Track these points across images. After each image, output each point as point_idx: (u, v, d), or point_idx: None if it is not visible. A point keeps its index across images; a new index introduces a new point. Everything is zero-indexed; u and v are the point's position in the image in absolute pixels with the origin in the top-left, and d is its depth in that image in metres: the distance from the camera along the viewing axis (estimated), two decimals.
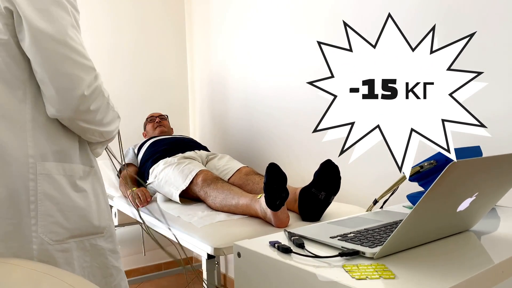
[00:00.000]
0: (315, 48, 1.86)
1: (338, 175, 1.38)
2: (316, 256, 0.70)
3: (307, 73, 1.91)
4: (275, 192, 1.29)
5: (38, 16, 0.84)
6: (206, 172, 1.74)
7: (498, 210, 1.05)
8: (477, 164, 0.63)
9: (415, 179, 1.05)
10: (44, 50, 0.85)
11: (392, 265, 0.66)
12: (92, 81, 0.91)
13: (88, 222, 0.96)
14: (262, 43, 2.18)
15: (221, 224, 1.41)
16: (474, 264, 0.68)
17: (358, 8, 1.68)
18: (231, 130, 2.48)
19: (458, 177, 0.63)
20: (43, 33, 0.84)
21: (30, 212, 0.88)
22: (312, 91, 1.87)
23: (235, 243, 0.79)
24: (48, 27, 0.84)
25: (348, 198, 1.73)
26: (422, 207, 0.65)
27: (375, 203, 1.07)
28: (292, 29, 1.99)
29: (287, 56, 2.02)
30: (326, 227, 0.87)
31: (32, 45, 0.85)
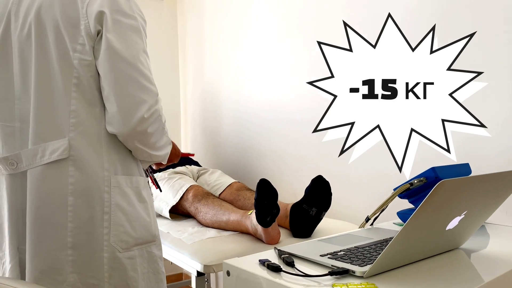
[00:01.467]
0: (308, 62, 1.88)
1: (329, 191, 1.38)
2: (306, 275, 0.69)
3: (299, 87, 1.92)
4: (266, 208, 1.28)
5: (116, 38, 0.92)
6: (197, 188, 1.73)
7: (488, 228, 1.06)
8: (465, 183, 0.63)
9: (405, 196, 1.05)
10: (116, 70, 0.92)
11: (382, 284, 0.66)
12: (153, 104, 0.97)
13: (148, 231, 1.03)
14: (255, 58, 2.19)
15: (211, 241, 1.39)
16: (465, 283, 0.68)
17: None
18: (222, 144, 2.48)
19: (447, 195, 0.63)
20: (118, 54, 0.92)
21: (103, 222, 0.94)
22: (305, 105, 1.89)
23: (224, 262, 0.78)
24: (123, 49, 0.93)
25: (339, 214, 1.73)
26: (411, 226, 0.65)
27: (367, 221, 1.07)
28: (284, 43, 2.00)
29: (280, 71, 2.03)
30: (316, 245, 0.87)
31: (106, 62, 0.92)
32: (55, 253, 0.92)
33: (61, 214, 0.92)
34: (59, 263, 0.92)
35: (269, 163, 2.11)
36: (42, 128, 0.93)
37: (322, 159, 1.81)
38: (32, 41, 0.94)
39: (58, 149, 0.92)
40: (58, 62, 0.93)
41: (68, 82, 0.93)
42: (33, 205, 0.92)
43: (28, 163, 0.94)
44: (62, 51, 0.92)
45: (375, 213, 1.04)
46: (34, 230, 0.92)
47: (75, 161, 0.93)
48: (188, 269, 1.34)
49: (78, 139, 0.93)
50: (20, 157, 0.94)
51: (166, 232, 1.55)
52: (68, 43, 0.92)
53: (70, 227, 0.92)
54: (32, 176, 0.93)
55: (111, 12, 0.92)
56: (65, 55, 0.93)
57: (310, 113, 1.86)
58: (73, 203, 0.92)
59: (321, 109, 1.80)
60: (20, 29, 0.95)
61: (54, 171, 0.92)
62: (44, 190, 0.92)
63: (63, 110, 0.93)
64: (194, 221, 1.66)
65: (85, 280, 0.94)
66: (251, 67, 2.22)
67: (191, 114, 2.80)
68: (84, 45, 0.92)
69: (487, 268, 0.76)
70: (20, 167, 0.94)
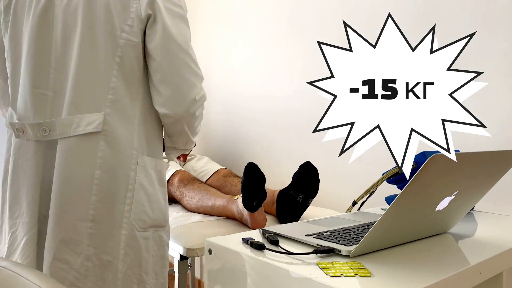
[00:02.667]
0: (298, 51, 1.85)
1: (317, 178, 1.36)
2: (289, 252, 0.67)
3: (289, 76, 1.90)
4: (252, 193, 1.26)
5: (172, 25, 0.96)
6: (183, 173, 1.70)
7: (475, 215, 1.05)
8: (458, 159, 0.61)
9: (394, 182, 1.03)
10: (171, 54, 0.96)
11: (368, 264, 0.63)
12: (201, 88, 1.05)
13: (163, 215, 1.05)
14: (244, 46, 2.16)
15: (195, 225, 1.36)
16: (452, 265, 0.66)
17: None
18: (211, 131, 2.45)
19: (438, 171, 0.61)
20: (174, 40, 0.96)
21: (126, 200, 0.96)
22: (294, 95, 1.86)
23: (206, 240, 0.75)
24: (178, 36, 0.97)
25: (326, 202, 1.71)
26: (400, 203, 0.62)
27: (354, 205, 1.05)
28: (274, 32, 1.97)
29: (269, 59, 2.00)
30: (302, 226, 0.85)
31: (162, 47, 0.95)
32: (76, 223, 0.93)
33: (87, 186, 0.93)
34: (79, 233, 0.93)
35: (257, 150, 2.08)
36: (79, 99, 0.94)
37: (312, 148, 1.79)
38: (79, 16, 0.94)
39: (93, 122, 0.93)
40: (104, 39, 0.94)
41: (111, 60, 0.95)
42: (61, 175, 0.93)
43: (61, 132, 0.94)
44: (109, 29, 0.94)
45: (362, 197, 1.02)
46: (59, 199, 0.93)
47: (106, 136, 0.94)
48: (171, 253, 1.31)
49: (113, 115, 0.95)
50: (54, 125, 0.94)
51: None
52: (116, 23, 0.94)
53: (93, 200, 0.93)
54: (63, 146, 0.94)
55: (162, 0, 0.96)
56: (112, 34, 0.94)
57: (299, 102, 1.84)
58: (99, 177, 0.94)
59: (311, 100, 1.78)
60: (67, 1, 0.95)
61: (86, 143, 0.93)
62: (74, 161, 0.93)
63: (102, 85, 0.94)
64: (179, 206, 1.63)
65: (100, 256, 0.94)
66: (242, 56, 2.18)
67: None
68: (133, 26, 0.94)
69: (475, 252, 0.74)
70: (51, 135, 0.94)
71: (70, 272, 0.93)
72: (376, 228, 0.64)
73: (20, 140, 0.99)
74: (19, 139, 0.98)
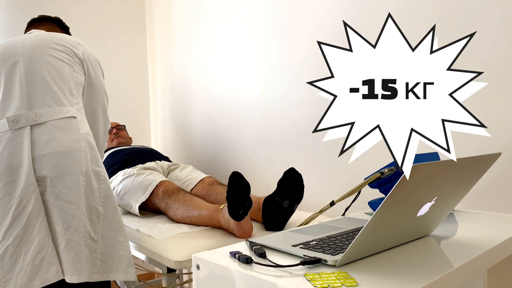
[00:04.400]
0: (278, 57, 1.86)
1: (301, 183, 1.38)
2: (277, 265, 0.67)
3: (270, 82, 1.91)
4: (238, 202, 1.26)
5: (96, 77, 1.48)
6: (167, 183, 1.69)
7: (456, 215, 1.07)
8: (436, 167, 0.63)
9: (376, 186, 1.05)
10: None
11: (354, 273, 0.65)
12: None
13: None
14: (225, 52, 2.17)
15: (182, 236, 1.36)
16: (435, 269, 0.68)
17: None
18: (194, 140, 2.44)
19: (418, 180, 0.62)
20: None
21: (98, 163, 1.32)
22: (275, 100, 1.87)
23: (193, 255, 0.75)
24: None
25: (312, 207, 1.73)
26: (383, 212, 0.64)
27: (332, 205, 1.06)
28: (254, 38, 1.98)
29: (250, 66, 2.01)
30: (288, 236, 0.85)
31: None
32: (76, 178, 1.22)
33: (78, 152, 1.25)
34: (78, 184, 1.21)
35: (241, 157, 2.09)
36: (57, 99, 1.30)
37: (295, 153, 1.80)
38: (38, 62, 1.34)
39: (69, 111, 1.30)
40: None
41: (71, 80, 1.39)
42: (59, 146, 1.23)
43: (49, 117, 1.25)
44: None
45: (342, 198, 1.04)
46: (61, 162, 1.22)
47: (79, 122, 1.31)
48: (158, 267, 1.31)
49: (78, 110, 1.35)
50: (42, 114, 1.25)
51: (135, 229, 1.51)
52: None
53: (83, 161, 1.25)
54: (52, 126, 1.24)
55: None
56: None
57: (281, 108, 1.85)
58: (83, 147, 1.27)
59: (293, 105, 1.80)
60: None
61: (70, 124, 1.28)
62: (66, 137, 1.25)
63: (70, 92, 1.35)
64: (164, 218, 1.62)
65: (90, 203, 1.23)
66: (223, 62, 2.19)
67: (161, 110, 2.75)
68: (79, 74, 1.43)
69: (457, 254, 0.76)
70: (40, 120, 1.24)
71: (77, 211, 1.19)
72: (360, 238, 0.65)
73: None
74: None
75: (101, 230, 1.24)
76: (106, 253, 1.24)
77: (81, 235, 1.19)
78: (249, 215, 1.34)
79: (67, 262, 1.16)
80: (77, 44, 1.43)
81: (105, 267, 1.23)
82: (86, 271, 1.17)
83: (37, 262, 1.14)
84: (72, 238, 1.17)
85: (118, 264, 1.25)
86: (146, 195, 1.66)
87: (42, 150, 1.21)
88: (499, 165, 1.21)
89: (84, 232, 1.19)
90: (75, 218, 1.18)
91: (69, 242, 1.17)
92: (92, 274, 1.19)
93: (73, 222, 1.18)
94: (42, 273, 1.14)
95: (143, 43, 2.83)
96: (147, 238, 1.40)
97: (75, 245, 1.17)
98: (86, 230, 1.20)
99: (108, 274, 1.23)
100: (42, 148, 1.21)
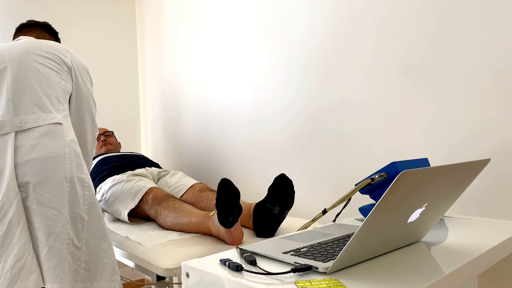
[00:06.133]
0: (270, 62, 1.86)
1: (292, 189, 1.37)
2: (268, 273, 0.67)
3: (260, 87, 1.91)
4: (227, 209, 1.25)
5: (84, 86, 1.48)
6: (157, 190, 1.68)
7: (446, 221, 1.08)
8: (426, 174, 0.63)
9: (367, 192, 1.05)
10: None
11: (345, 280, 0.64)
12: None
13: None
14: (216, 58, 2.16)
15: (172, 243, 1.35)
16: (426, 275, 0.67)
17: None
18: (184, 146, 2.43)
19: (408, 186, 0.62)
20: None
21: (83, 170, 1.31)
22: (266, 106, 1.87)
23: (183, 263, 0.74)
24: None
25: (302, 213, 1.72)
26: (373, 219, 0.64)
27: (324, 213, 1.06)
28: (245, 43, 1.99)
29: (240, 71, 2.01)
30: (279, 242, 0.85)
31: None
32: (60, 184, 1.21)
33: (63, 158, 1.24)
34: (62, 190, 1.21)
35: (232, 163, 2.08)
36: (43, 105, 1.30)
37: (286, 159, 1.80)
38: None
39: (55, 118, 1.29)
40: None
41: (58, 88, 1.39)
42: (44, 152, 1.22)
43: (33, 124, 1.25)
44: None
45: (334, 206, 1.04)
46: (45, 168, 1.20)
47: (65, 129, 1.30)
48: (148, 274, 1.29)
49: (65, 117, 1.35)
50: (27, 120, 1.25)
51: (124, 236, 1.49)
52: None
53: (68, 168, 1.24)
54: (37, 132, 1.24)
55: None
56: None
57: (272, 113, 1.85)
58: (68, 154, 1.26)
59: (283, 111, 1.80)
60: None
61: (55, 130, 1.27)
62: (51, 143, 1.24)
63: (56, 99, 1.35)
64: (154, 225, 1.61)
65: (74, 210, 1.22)
66: (213, 68, 2.18)
67: (151, 115, 2.73)
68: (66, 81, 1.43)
69: (447, 260, 0.76)
70: (25, 126, 1.24)
71: (60, 217, 1.18)
72: (351, 245, 0.65)
73: None
74: None
75: (85, 238, 1.23)
76: (90, 261, 1.22)
77: (63, 242, 1.17)
78: (240, 222, 1.33)
79: (48, 269, 1.14)
80: (65, 51, 1.43)
81: (89, 276, 1.21)
82: (68, 279, 1.16)
83: (16, 269, 1.11)
84: (54, 245, 1.15)
85: (102, 272, 1.23)
86: (135, 201, 1.65)
87: (26, 156, 1.20)
88: (488, 171, 1.22)
89: (67, 239, 1.18)
90: (58, 224, 1.17)
91: (51, 249, 1.15)
92: (75, 283, 1.18)
93: (56, 229, 1.16)
94: (21, 281, 1.11)
95: (134, 47, 2.82)
96: (136, 245, 1.38)
97: (57, 252, 1.15)
98: (69, 237, 1.19)
99: (91, 283, 1.22)
100: (26, 154, 1.20)
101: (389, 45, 1.42)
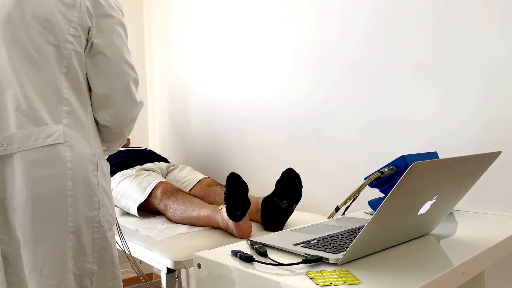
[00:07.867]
0: (277, 57, 1.87)
1: (300, 184, 1.38)
2: (279, 264, 0.67)
3: (267, 82, 1.91)
4: (236, 203, 1.26)
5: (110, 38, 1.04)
6: (166, 184, 1.69)
7: (455, 214, 1.08)
8: (437, 165, 0.63)
9: (376, 185, 1.06)
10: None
11: (356, 271, 0.65)
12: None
13: (115, 213, 1.09)
14: (223, 54, 2.17)
15: (181, 237, 1.36)
16: (436, 267, 0.68)
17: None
18: (192, 141, 2.44)
19: (419, 178, 0.63)
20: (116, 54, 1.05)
21: (94, 205, 0.98)
22: (273, 101, 1.88)
23: (195, 254, 0.75)
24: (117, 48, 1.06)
25: (310, 207, 1.73)
26: (384, 211, 0.64)
27: (337, 210, 1.06)
28: (252, 39, 1.99)
29: (247, 66, 2.02)
30: (289, 235, 0.85)
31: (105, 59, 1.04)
32: (59, 239, 0.93)
33: (63, 199, 0.93)
34: (63, 248, 0.93)
35: (239, 158, 2.09)
36: (33, 113, 0.92)
37: (293, 153, 1.81)
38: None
39: (53, 134, 0.93)
40: (46, 51, 0.95)
41: (58, 71, 0.96)
42: (32, 191, 0.90)
43: (20, 145, 0.91)
44: (52, 41, 0.95)
45: (345, 202, 1.04)
46: (36, 216, 0.91)
47: (70, 147, 0.95)
48: (158, 267, 1.31)
49: (71, 125, 0.96)
50: (11, 139, 0.91)
51: (134, 229, 1.50)
52: (59, 34, 0.96)
53: (71, 211, 0.94)
54: (25, 160, 0.91)
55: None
56: (56, 45, 0.96)
57: (279, 108, 1.86)
58: (72, 188, 0.94)
59: (291, 106, 1.80)
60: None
61: (51, 155, 0.92)
62: (44, 175, 0.91)
63: (55, 97, 0.95)
64: (163, 218, 1.62)
65: (81, 265, 0.96)
66: (220, 63, 2.19)
67: (159, 111, 2.74)
68: (76, 36, 0.98)
69: (457, 253, 0.77)
70: (9, 149, 0.91)
71: (60, 286, 0.93)
72: (362, 236, 0.65)
73: None
74: None
75: None
76: None
77: None
78: (248, 216, 1.34)
79: None
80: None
81: None
82: None
83: None
84: None
85: None
86: (144, 196, 1.66)
87: (8, 198, 0.91)
88: (498, 164, 1.22)
89: None
90: None
91: None
92: None
93: None
94: None
95: (141, 44, 2.83)
96: (146, 238, 1.40)
97: None
98: None
99: None
100: (8, 194, 0.91)
101: (397, 41, 1.42)
